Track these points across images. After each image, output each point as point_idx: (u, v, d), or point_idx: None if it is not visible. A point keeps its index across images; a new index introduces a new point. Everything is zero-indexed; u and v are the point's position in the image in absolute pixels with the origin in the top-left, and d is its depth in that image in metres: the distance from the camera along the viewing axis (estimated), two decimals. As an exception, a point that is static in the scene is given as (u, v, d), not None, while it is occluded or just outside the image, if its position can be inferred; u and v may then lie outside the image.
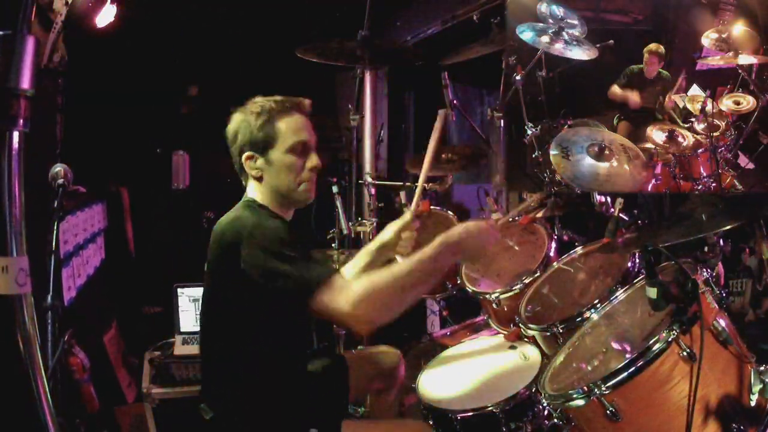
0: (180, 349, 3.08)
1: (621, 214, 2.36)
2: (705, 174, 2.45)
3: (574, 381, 1.76)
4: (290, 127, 1.82)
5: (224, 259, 1.74)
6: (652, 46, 2.60)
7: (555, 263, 2.44)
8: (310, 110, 1.91)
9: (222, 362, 1.85)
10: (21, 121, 0.94)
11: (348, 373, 2.16)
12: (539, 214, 2.71)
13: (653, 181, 2.53)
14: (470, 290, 2.59)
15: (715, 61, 2.47)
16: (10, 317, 0.96)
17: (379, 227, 3.52)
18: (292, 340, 1.90)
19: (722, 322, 1.53)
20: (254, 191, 1.88)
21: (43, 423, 1.01)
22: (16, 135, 0.93)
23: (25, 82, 0.94)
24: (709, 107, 2.43)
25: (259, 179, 1.85)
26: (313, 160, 1.86)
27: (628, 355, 1.64)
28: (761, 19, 2.35)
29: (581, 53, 2.72)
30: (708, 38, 2.47)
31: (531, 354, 2.18)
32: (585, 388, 1.52)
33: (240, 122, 1.85)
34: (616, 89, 2.71)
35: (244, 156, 1.84)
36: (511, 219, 1.90)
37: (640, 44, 2.63)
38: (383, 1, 3.53)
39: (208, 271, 1.86)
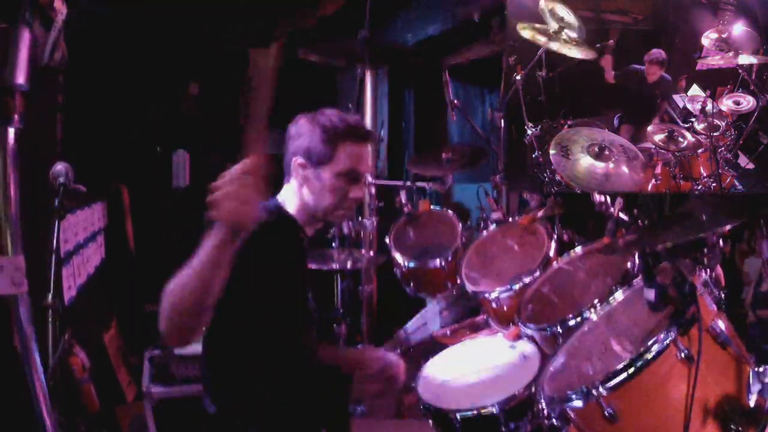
0: (180, 348, 3.08)
1: (621, 214, 2.37)
2: (705, 174, 2.45)
3: (574, 381, 1.76)
4: (349, 153, 1.84)
5: None
6: (655, 54, 2.58)
7: (555, 263, 2.44)
8: (374, 142, 1.94)
9: (224, 357, 1.85)
10: (16, 117, 0.93)
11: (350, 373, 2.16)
12: (539, 214, 2.71)
13: (653, 181, 2.52)
14: (470, 290, 2.59)
15: (715, 61, 2.46)
16: (8, 317, 0.96)
17: (380, 226, 3.53)
18: (291, 337, 1.91)
19: (721, 324, 1.53)
20: (290, 195, 1.90)
21: (41, 422, 1.01)
22: (11, 131, 0.93)
23: (20, 78, 0.93)
24: (709, 107, 2.43)
25: (302, 185, 1.87)
26: (358, 192, 1.89)
27: (627, 356, 1.64)
28: (761, 19, 2.35)
29: (581, 53, 2.72)
30: (708, 38, 2.47)
31: (531, 354, 2.18)
32: (583, 389, 1.52)
33: (305, 128, 1.86)
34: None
35: (296, 160, 1.85)
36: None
37: (640, 44, 2.62)
38: (383, 1, 3.53)
39: None
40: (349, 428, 1.94)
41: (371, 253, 3.40)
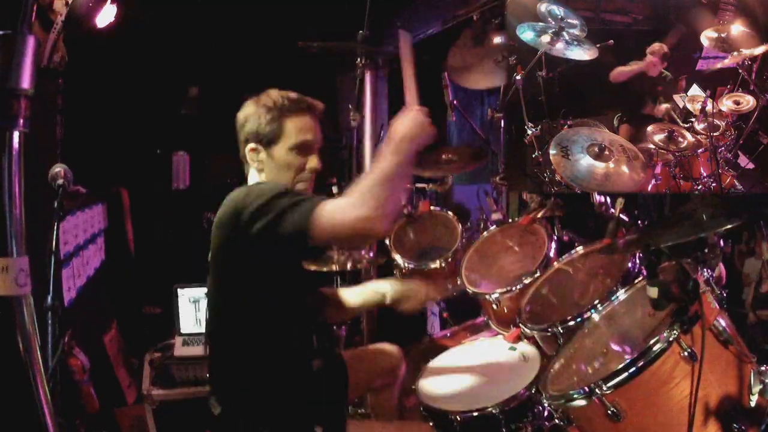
0: (180, 350, 3.09)
1: (621, 215, 2.37)
2: (705, 174, 2.45)
3: (575, 382, 1.76)
4: (297, 126, 1.87)
5: (225, 232, 1.76)
6: (655, 46, 2.58)
7: (555, 264, 2.44)
8: (322, 113, 1.96)
9: (230, 357, 1.86)
10: (21, 121, 0.94)
11: (347, 371, 2.16)
12: (539, 214, 2.71)
13: (653, 181, 2.52)
14: (470, 291, 2.59)
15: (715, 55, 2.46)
16: (10, 318, 0.96)
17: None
18: (297, 334, 1.93)
19: (723, 323, 1.53)
20: (255, 180, 1.93)
21: (42, 423, 1.01)
22: (16, 135, 0.93)
23: (25, 82, 0.94)
24: (709, 107, 2.43)
25: (260, 171, 1.90)
26: (314, 162, 1.91)
27: (628, 356, 1.64)
28: (761, 19, 2.35)
29: (581, 53, 2.72)
30: (708, 38, 2.47)
31: (531, 354, 2.18)
32: (586, 388, 1.52)
33: (251, 112, 1.89)
34: (621, 68, 2.67)
35: (248, 147, 1.89)
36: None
37: (640, 44, 2.62)
38: (383, 1, 3.53)
39: (211, 260, 1.88)
40: (345, 426, 1.95)
41: (371, 254, 3.40)
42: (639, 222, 2.45)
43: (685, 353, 1.44)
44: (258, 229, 1.62)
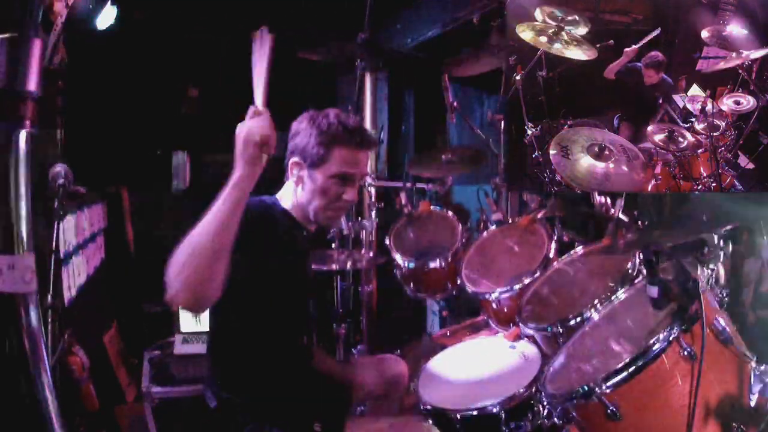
0: (180, 348, 3.09)
1: (621, 215, 2.37)
2: (705, 174, 2.45)
3: (575, 381, 1.76)
4: (343, 157, 1.85)
5: None
6: (651, 57, 2.58)
7: (555, 264, 2.45)
8: (375, 148, 1.95)
9: (229, 353, 1.88)
10: (28, 122, 0.94)
11: (353, 375, 2.17)
12: (539, 215, 2.71)
13: (653, 181, 2.53)
14: (470, 290, 2.60)
15: (716, 60, 2.46)
16: (14, 315, 0.96)
17: (380, 228, 3.53)
18: (295, 333, 1.96)
19: (722, 322, 1.54)
20: (287, 193, 1.93)
21: (47, 419, 1.01)
22: (23, 136, 0.93)
23: (32, 85, 0.94)
24: (709, 107, 2.43)
25: (297, 186, 1.90)
26: (350, 194, 1.90)
27: (628, 355, 1.64)
28: (761, 19, 2.35)
29: (581, 53, 2.72)
30: (708, 37, 2.47)
31: (531, 354, 2.19)
32: (585, 387, 1.52)
33: (304, 128, 1.88)
34: (611, 66, 2.66)
35: (292, 159, 1.89)
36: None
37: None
38: (383, 3, 3.54)
39: None
40: (344, 424, 1.95)
41: (371, 253, 3.41)
42: (639, 222, 2.46)
43: (685, 352, 1.44)
44: None
